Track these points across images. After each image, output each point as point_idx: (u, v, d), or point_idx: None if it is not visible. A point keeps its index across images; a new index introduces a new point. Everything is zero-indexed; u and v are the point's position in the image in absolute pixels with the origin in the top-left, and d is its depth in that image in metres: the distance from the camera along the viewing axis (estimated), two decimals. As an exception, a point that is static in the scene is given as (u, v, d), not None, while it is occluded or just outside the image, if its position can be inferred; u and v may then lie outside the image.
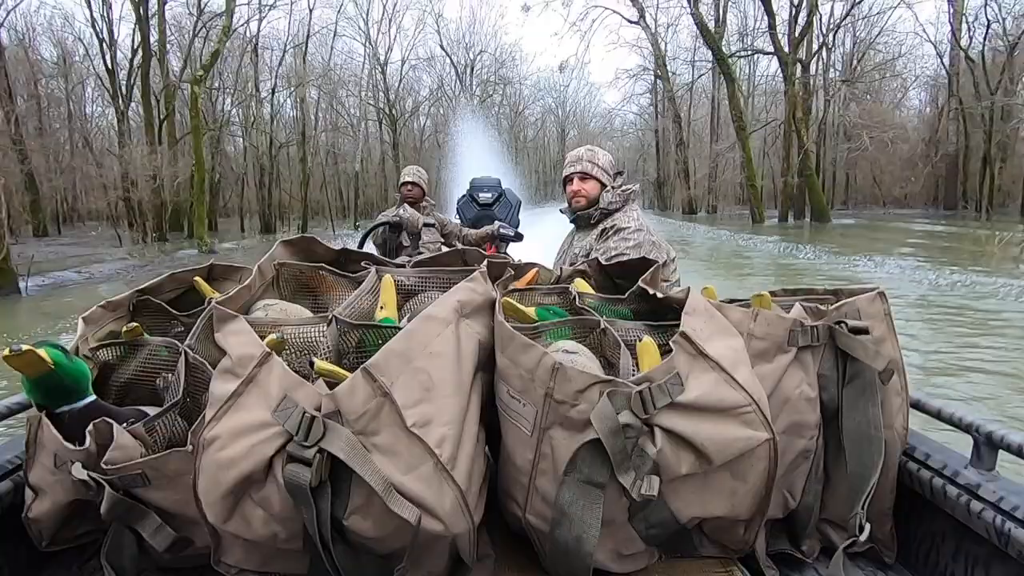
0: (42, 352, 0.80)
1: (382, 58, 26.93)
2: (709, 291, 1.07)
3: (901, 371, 1.00)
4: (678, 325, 0.85)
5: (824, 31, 20.44)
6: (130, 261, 14.12)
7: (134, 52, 21.76)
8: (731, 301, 1.06)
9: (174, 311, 1.14)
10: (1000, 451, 0.90)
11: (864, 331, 0.95)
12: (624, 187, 2.06)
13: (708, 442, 0.78)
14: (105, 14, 21.94)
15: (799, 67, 18.73)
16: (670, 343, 0.83)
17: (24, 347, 0.78)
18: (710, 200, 26.86)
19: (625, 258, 1.42)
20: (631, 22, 22.21)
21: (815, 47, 20.08)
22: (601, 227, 2.02)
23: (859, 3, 20.09)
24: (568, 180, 2.09)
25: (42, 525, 0.88)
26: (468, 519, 0.77)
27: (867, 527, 0.92)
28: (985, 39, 19.92)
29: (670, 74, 25.10)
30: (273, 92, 24.09)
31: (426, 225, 3.34)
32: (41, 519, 0.87)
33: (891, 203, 26.05)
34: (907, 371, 1.02)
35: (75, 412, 0.85)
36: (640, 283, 1.08)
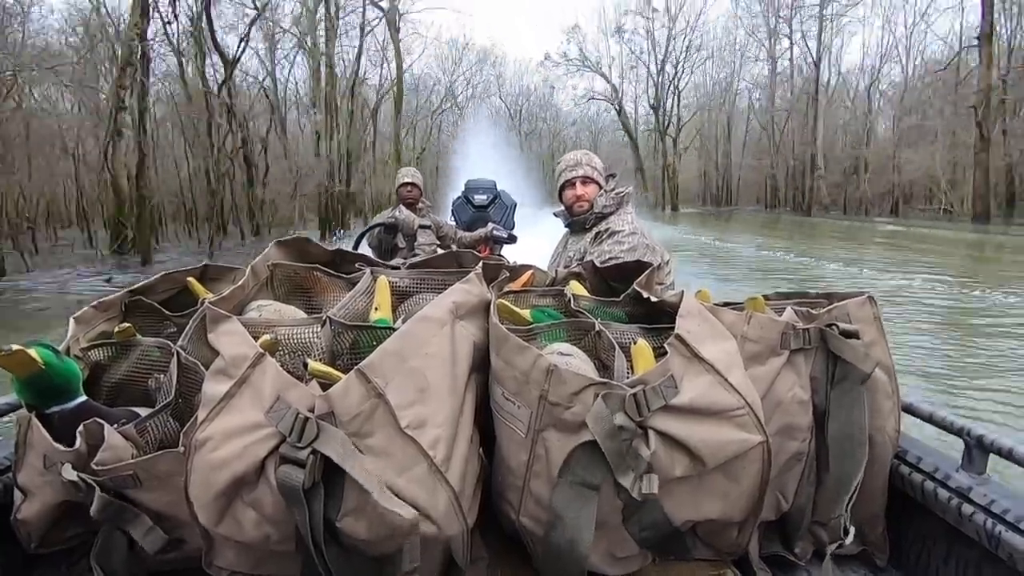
0: (32, 352, 0.79)
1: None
2: (703, 294, 1.07)
3: (892, 375, 1.01)
4: (672, 328, 0.85)
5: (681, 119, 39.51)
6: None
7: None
8: (725, 304, 1.06)
9: (167, 311, 1.13)
10: (991, 455, 0.90)
11: (855, 335, 0.95)
12: (617, 190, 2.05)
13: (702, 444, 0.78)
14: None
15: (668, 138, 37.91)
16: (665, 346, 0.83)
17: (14, 347, 0.77)
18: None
19: (619, 261, 1.42)
20: (609, 102, 40.21)
21: (679, 125, 39.54)
22: (595, 230, 2.00)
23: (700, 111, 38.70)
24: (569, 184, 2.05)
25: (31, 527, 0.87)
26: (462, 521, 0.76)
27: (852, 529, 0.92)
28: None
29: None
30: (422, 152, 35.33)
31: (422, 227, 3.34)
32: (30, 521, 0.86)
33: (753, 203, 40.08)
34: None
35: (66, 413, 0.84)
36: (635, 286, 1.09)
